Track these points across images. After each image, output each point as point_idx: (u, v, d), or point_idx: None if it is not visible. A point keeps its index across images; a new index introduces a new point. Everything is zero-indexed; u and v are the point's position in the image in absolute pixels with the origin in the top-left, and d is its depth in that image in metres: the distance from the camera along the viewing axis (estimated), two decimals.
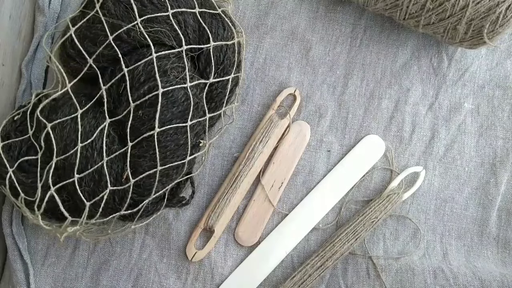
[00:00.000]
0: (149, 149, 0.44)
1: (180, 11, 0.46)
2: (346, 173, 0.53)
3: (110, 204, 0.45)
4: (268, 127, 0.51)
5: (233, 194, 0.50)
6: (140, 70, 0.44)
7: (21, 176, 0.45)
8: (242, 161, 0.50)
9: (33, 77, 0.54)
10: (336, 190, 0.53)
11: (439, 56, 0.55)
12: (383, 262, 0.51)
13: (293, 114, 0.53)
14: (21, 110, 0.48)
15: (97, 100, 0.46)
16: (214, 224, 0.49)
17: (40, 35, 0.55)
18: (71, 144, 0.44)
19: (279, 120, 0.51)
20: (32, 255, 0.52)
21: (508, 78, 0.54)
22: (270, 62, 0.55)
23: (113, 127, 0.46)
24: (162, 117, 0.44)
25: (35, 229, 0.52)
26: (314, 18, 0.56)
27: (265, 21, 0.56)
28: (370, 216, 0.51)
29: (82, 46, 0.45)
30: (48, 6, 0.55)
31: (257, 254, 0.52)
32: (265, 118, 0.51)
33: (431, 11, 0.46)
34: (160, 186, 0.46)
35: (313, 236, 0.53)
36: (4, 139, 0.46)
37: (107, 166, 0.44)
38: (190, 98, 0.45)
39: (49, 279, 0.52)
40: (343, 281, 0.51)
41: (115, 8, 0.45)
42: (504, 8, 0.44)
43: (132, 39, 0.45)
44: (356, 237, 0.50)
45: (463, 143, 0.54)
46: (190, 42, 0.47)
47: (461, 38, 0.48)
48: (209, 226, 0.49)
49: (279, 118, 0.51)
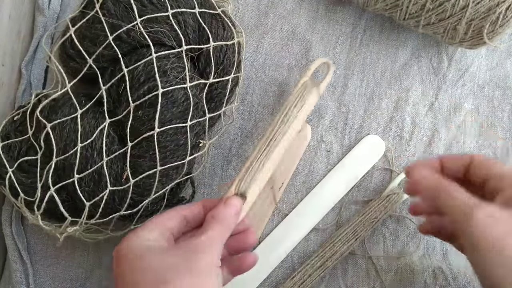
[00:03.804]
0: (149, 149, 0.44)
1: (180, 11, 0.46)
2: (346, 173, 0.53)
3: (110, 204, 0.45)
4: (302, 93, 0.47)
5: (267, 158, 0.44)
6: (140, 70, 0.44)
7: (21, 176, 0.45)
8: (275, 126, 0.45)
9: (33, 77, 0.54)
10: (336, 190, 0.53)
11: (439, 56, 0.55)
12: (383, 262, 0.51)
13: (325, 85, 0.50)
14: (20, 110, 0.48)
15: (97, 100, 0.46)
16: (247, 189, 0.42)
17: (39, 35, 0.55)
18: (71, 144, 0.44)
19: (313, 87, 0.48)
20: (31, 255, 0.52)
21: (508, 78, 0.54)
22: (270, 62, 0.55)
23: (113, 127, 0.46)
24: (162, 117, 0.44)
25: (34, 229, 0.52)
26: (314, 18, 0.56)
27: (265, 21, 0.56)
28: (370, 216, 0.51)
29: (82, 46, 0.45)
30: (48, 6, 0.55)
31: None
32: (299, 83, 0.48)
33: (431, 11, 0.46)
34: (160, 186, 0.46)
35: (313, 236, 0.53)
36: (4, 139, 0.46)
37: (107, 166, 0.44)
38: (190, 98, 0.45)
39: (49, 279, 0.52)
40: (343, 281, 0.51)
41: (115, 8, 0.45)
42: (504, 8, 0.44)
43: (132, 39, 0.45)
44: (356, 237, 0.50)
45: (463, 143, 0.54)
46: (190, 42, 0.47)
47: (461, 38, 0.48)
48: (241, 191, 0.42)
49: (313, 85, 0.48)
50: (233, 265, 0.41)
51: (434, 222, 0.43)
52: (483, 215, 0.31)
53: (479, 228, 0.30)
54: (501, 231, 0.30)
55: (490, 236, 0.30)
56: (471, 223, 0.31)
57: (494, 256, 0.30)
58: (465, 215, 0.31)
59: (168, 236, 0.37)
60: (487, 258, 0.30)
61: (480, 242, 0.30)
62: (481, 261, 0.30)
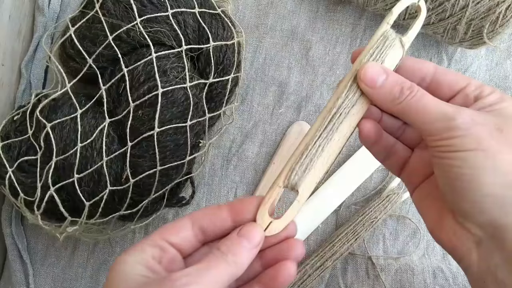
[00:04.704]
0: (149, 149, 0.44)
1: (180, 11, 0.46)
2: (349, 175, 0.53)
3: (109, 204, 0.45)
4: (381, 47, 0.33)
5: (328, 140, 0.32)
6: (139, 70, 0.44)
7: (21, 176, 0.45)
8: (343, 93, 0.32)
9: (32, 77, 0.54)
10: (338, 193, 0.53)
11: (439, 56, 0.55)
12: (382, 262, 0.51)
13: (414, 33, 0.35)
14: (20, 110, 0.48)
15: (97, 100, 0.46)
16: (300, 181, 0.32)
17: (39, 35, 0.55)
18: (71, 144, 0.44)
19: (396, 39, 0.33)
20: (31, 255, 0.52)
21: (507, 78, 0.54)
22: (270, 62, 0.55)
23: (112, 127, 0.46)
24: (161, 117, 0.44)
25: (34, 229, 0.52)
26: (314, 18, 0.56)
27: (265, 21, 0.56)
28: (370, 216, 0.51)
29: (81, 46, 0.45)
30: (48, 6, 0.55)
31: None
32: (377, 34, 0.33)
33: (431, 11, 0.46)
34: (160, 186, 0.46)
35: (312, 236, 0.53)
36: (4, 139, 0.46)
37: (107, 166, 0.44)
38: (189, 98, 0.45)
39: (49, 279, 0.52)
40: (342, 281, 0.51)
41: (115, 8, 0.45)
42: (504, 8, 0.44)
43: (132, 39, 0.45)
44: (355, 237, 0.50)
45: None
46: (190, 42, 0.47)
47: (461, 38, 0.48)
48: (292, 184, 0.32)
49: (396, 36, 0.33)
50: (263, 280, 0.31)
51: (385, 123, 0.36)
52: (468, 118, 0.29)
53: (462, 131, 0.28)
54: (485, 132, 0.28)
55: (476, 135, 0.28)
56: (454, 127, 0.28)
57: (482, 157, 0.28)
58: (443, 124, 0.29)
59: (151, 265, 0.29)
60: (471, 158, 0.28)
61: (465, 143, 0.28)
62: (463, 164, 0.28)
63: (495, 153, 0.28)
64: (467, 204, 0.29)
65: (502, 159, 0.28)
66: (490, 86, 0.31)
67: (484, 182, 0.28)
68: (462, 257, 0.30)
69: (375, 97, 0.32)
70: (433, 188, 0.33)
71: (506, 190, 0.28)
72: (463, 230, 0.30)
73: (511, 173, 0.28)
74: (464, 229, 0.30)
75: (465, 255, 0.30)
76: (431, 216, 0.33)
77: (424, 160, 0.34)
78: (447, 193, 0.30)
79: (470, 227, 0.29)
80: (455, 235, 0.30)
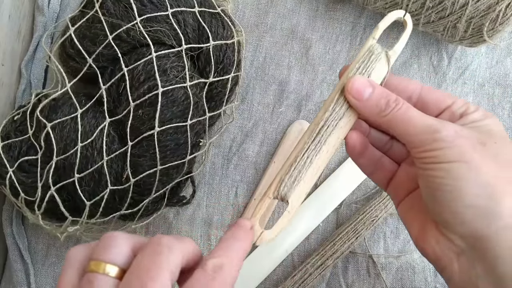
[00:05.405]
0: (149, 148, 0.44)
1: (180, 10, 0.46)
2: (350, 173, 0.53)
3: (110, 204, 0.45)
4: (367, 61, 0.34)
5: (317, 152, 0.34)
6: (139, 69, 0.44)
7: (21, 176, 0.45)
8: (330, 107, 0.33)
9: (32, 77, 0.54)
10: (339, 191, 0.53)
11: (439, 55, 0.55)
12: (383, 260, 0.51)
13: (401, 47, 0.36)
14: (21, 110, 0.48)
15: (97, 99, 0.46)
16: (289, 192, 0.33)
17: (39, 35, 0.55)
18: (71, 144, 0.44)
19: (381, 53, 0.34)
20: (32, 255, 0.52)
21: (508, 76, 0.54)
22: (270, 61, 0.55)
23: (113, 126, 0.46)
24: (162, 117, 0.44)
25: (35, 229, 0.52)
26: (314, 16, 0.56)
27: (265, 19, 0.56)
28: (371, 214, 0.51)
29: (81, 46, 0.45)
30: (48, 5, 0.55)
31: (258, 253, 0.52)
32: (363, 49, 0.34)
33: (431, 9, 0.46)
34: (160, 185, 0.46)
35: (313, 235, 0.53)
36: (4, 139, 0.46)
37: (107, 165, 0.44)
38: (190, 97, 0.45)
39: (50, 279, 0.52)
40: (343, 280, 0.51)
41: (115, 8, 0.45)
42: (504, 6, 0.44)
43: (132, 38, 0.45)
44: (356, 236, 0.50)
45: None
46: (190, 41, 0.47)
47: (461, 36, 0.48)
48: (282, 195, 0.34)
49: (382, 50, 0.34)
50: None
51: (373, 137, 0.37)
52: (452, 131, 0.29)
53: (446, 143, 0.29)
54: (469, 144, 0.29)
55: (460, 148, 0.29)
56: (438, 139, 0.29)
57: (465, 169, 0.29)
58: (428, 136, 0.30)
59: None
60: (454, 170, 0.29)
61: (448, 155, 0.29)
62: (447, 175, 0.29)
63: (478, 165, 0.29)
64: (449, 215, 0.29)
65: (484, 171, 0.29)
66: (474, 105, 0.32)
67: (466, 193, 0.28)
68: (444, 267, 0.31)
69: (362, 109, 0.32)
70: (418, 201, 0.34)
71: (487, 201, 0.28)
72: (445, 240, 0.30)
73: (492, 185, 0.28)
74: (446, 240, 0.30)
75: (447, 265, 0.30)
76: (415, 227, 0.33)
77: (410, 175, 0.35)
78: (430, 204, 0.31)
79: (452, 238, 0.30)
80: (437, 245, 0.31)
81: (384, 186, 0.37)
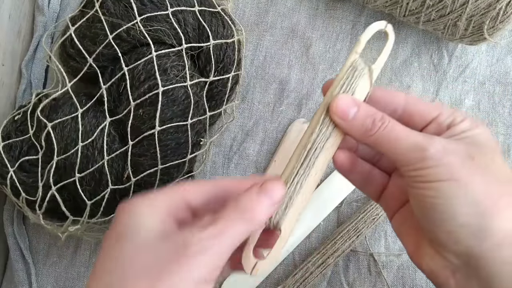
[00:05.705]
0: (150, 147, 0.44)
1: (180, 9, 0.46)
2: None
3: (111, 203, 0.45)
4: (351, 78, 0.33)
5: (306, 176, 0.32)
6: (140, 69, 0.44)
7: (22, 176, 0.45)
8: (316, 128, 0.32)
9: (33, 76, 0.54)
10: (340, 189, 0.53)
11: (439, 53, 0.55)
12: (384, 259, 0.51)
13: (383, 60, 0.35)
14: (21, 110, 0.48)
15: (98, 99, 0.46)
16: (281, 220, 0.32)
17: (39, 34, 0.55)
18: (72, 144, 0.44)
19: (365, 68, 0.33)
20: (33, 254, 0.52)
21: (508, 74, 0.54)
22: (270, 60, 0.55)
23: (113, 126, 0.46)
24: (162, 116, 0.44)
25: (36, 229, 0.52)
26: (314, 15, 0.56)
27: (265, 18, 0.56)
28: (372, 213, 0.51)
29: (82, 46, 0.45)
30: (48, 5, 0.55)
31: None
32: (346, 64, 0.33)
33: (431, 7, 0.46)
34: (161, 184, 0.46)
35: (314, 234, 0.53)
36: (5, 139, 0.46)
37: (108, 165, 0.44)
38: (190, 97, 0.45)
39: (51, 278, 0.52)
40: (344, 278, 0.51)
41: (115, 7, 0.45)
42: (504, 4, 0.44)
43: (132, 38, 0.45)
44: (357, 234, 0.50)
45: None
46: (190, 41, 0.47)
47: (462, 35, 0.48)
48: (274, 224, 0.32)
49: (365, 66, 0.33)
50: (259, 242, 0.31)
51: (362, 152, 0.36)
52: (440, 147, 0.29)
53: (434, 162, 0.28)
54: (457, 161, 0.29)
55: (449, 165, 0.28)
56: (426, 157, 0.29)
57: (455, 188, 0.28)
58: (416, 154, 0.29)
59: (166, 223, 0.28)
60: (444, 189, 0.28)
61: (437, 174, 0.28)
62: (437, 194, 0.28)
63: (468, 183, 0.28)
64: (443, 234, 0.29)
65: (474, 189, 0.28)
66: (461, 113, 0.32)
67: (458, 212, 0.28)
68: (442, 284, 0.31)
69: (348, 129, 0.32)
70: (410, 215, 0.33)
71: (479, 220, 0.28)
72: (440, 258, 0.30)
73: (483, 202, 0.28)
74: (441, 257, 0.30)
75: (444, 283, 0.30)
76: (410, 242, 0.33)
77: (401, 186, 0.34)
78: (423, 223, 0.30)
79: (447, 256, 0.30)
80: (432, 262, 0.31)
81: (376, 198, 0.36)
